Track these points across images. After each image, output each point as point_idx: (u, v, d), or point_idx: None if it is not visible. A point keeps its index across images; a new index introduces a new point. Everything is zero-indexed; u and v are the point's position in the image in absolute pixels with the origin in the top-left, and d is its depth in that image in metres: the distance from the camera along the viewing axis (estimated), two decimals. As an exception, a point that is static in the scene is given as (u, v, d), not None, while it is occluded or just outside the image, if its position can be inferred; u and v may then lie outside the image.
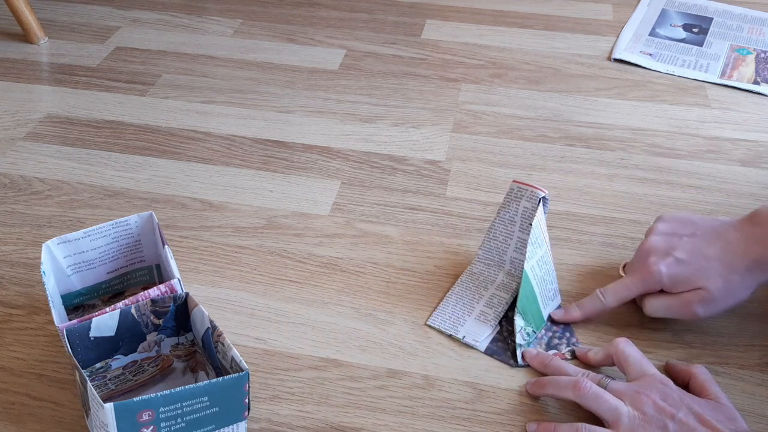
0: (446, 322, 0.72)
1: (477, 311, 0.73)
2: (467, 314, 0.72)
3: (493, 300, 0.74)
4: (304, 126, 1.01)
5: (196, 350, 0.65)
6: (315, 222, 0.84)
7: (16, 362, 0.68)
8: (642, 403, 0.59)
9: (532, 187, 0.72)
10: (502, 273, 0.75)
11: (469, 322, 0.72)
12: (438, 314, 0.73)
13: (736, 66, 1.18)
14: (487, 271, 0.76)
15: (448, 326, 0.71)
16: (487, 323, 0.72)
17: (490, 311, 0.73)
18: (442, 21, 1.30)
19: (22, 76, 1.11)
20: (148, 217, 0.70)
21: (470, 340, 0.70)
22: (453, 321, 0.72)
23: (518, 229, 0.73)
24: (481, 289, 0.75)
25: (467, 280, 0.76)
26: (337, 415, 0.64)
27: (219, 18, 1.29)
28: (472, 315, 0.72)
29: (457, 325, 0.71)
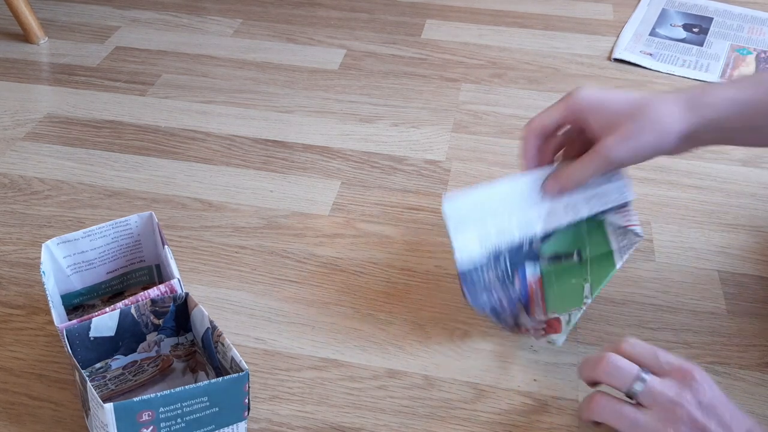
0: (458, 213, 0.66)
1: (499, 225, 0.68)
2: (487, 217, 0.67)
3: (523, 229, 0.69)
4: (304, 126, 1.01)
5: (196, 350, 0.65)
6: (315, 222, 0.84)
7: (16, 362, 0.68)
8: (674, 418, 0.54)
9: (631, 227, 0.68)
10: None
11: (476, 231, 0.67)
12: (459, 199, 0.67)
13: (737, 66, 1.18)
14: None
15: (455, 221, 0.66)
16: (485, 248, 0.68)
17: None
18: (442, 21, 1.30)
19: (22, 76, 1.11)
20: (148, 217, 0.70)
21: (460, 256, 0.66)
22: (463, 218, 0.66)
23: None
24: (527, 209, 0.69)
25: (519, 187, 0.69)
26: (337, 415, 0.64)
27: (219, 18, 1.29)
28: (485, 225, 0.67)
29: (464, 225, 0.66)
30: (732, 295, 0.77)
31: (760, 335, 0.72)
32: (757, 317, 0.74)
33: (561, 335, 0.68)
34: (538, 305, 0.70)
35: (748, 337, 0.72)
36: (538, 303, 0.70)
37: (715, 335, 0.72)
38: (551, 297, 0.69)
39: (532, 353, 0.70)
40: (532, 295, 0.70)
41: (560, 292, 0.69)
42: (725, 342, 0.71)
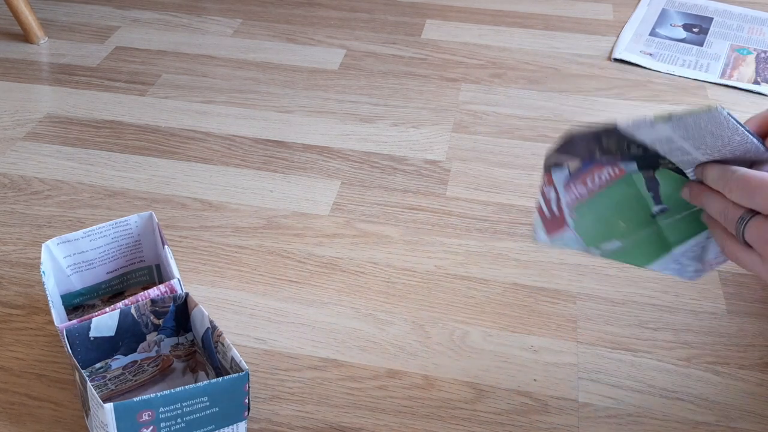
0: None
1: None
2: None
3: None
4: (304, 126, 1.01)
5: (196, 350, 0.65)
6: (315, 222, 0.84)
7: (16, 362, 0.68)
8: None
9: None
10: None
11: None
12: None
13: (737, 66, 1.18)
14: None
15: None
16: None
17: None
18: (442, 21, 1.30)
19: (22, 76, 1.11)
20: (148, 217, 0.70)
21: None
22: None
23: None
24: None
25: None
26: (337, 415, 0.64)
27: (219, 18, 1.29)
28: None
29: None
30: (732, 295, 0.77)
31: (760, 335, 0.72)
32: (757, 317, 0.74)
33: (545, 238, 0.58)
34: (582, 191, 0.57)
35: (748, 337, 0.72)
36: (584, 187, 0.57)
37: (715, 335, 0.72)
38: (596, 203, 0.57)
39: (532, 353, 0.70)
40: (594, 171, 0.57)
41: (605, 212, 0.57)
42: (725, 342, 0.71)
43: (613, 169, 0.56)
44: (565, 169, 0.56)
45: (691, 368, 0.69)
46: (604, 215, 0.57)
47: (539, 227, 0.57)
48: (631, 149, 0.54)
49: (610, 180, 0.56)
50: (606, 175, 0.56)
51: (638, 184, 0.56)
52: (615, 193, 0.56)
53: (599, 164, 0.56)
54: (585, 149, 0.55)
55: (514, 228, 0.84)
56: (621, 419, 0.64)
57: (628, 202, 0.57)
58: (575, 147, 0.55)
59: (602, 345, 0.70)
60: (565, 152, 0.55)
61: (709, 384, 0.67)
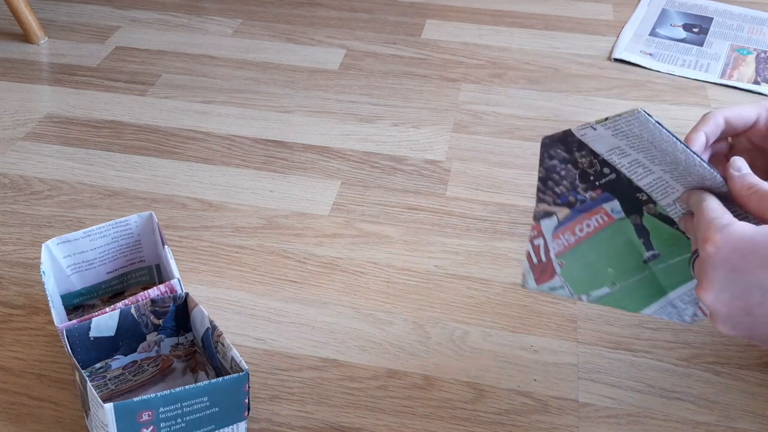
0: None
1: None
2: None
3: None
4: (304, 126, 1.01)
5: (196, 350, 0.65)
6: (315, 222, 0.84)
7: (16, 362, 0.68)
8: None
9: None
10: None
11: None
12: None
13: (737, 66, 1.18)
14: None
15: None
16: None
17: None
18: (442, 21, 1.30)
19: (22, 76, 1.11)
20: (148, 217, 0.70)
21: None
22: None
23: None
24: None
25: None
26: (337, 415, 0.64)
27: (219, 18, 1.29)
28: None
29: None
30: (732, 295, 0.76)
31: (760, 335, 0.72)
32: (757, 317, 0.74)
33: (534, 285, 0.58)
34: (569, 238, 0.58)
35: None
36: (572, 235, 0.58)
37: (715, 335, 0.72)
38: (583, 250, 0.57)
39: (532, 353, 0.70)
40: (583, 220, 0.57)
41: (592, 260, 0.57)
42: (725, 342, 0.71)
43: (602, 216, 0.57)
44: (554, 218, 0.57)
45: (691, 368, 0.69)
46: (592, 262, 0.57)
47: (528, 274, 0.58)
48: (603, 170, 0.55)
49: (598, 228, 0.57)
50: (594, 222, 0.57)
51: (627, 231, 0.57)
52: (603, 240, 0.57)
53: (587, 213, 0.57)
54: (564, 170, 0.56)
55: (514, 228, 0.84)
56: (621, 419, 0.64)
57: (618, 248, 0.57)
58: (554, 170, 0.56)
59: (602, 345, 0.70)
60: (549, 180, 0.57)
61: (709, 384, 0.67)
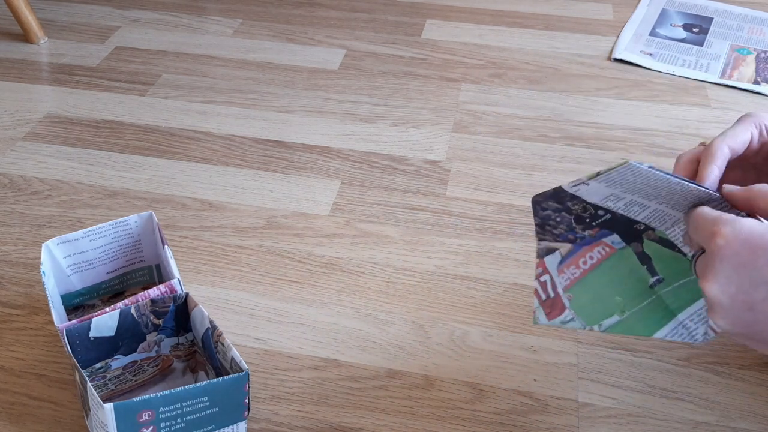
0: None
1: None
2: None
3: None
4: (304, 126, 1.01)
5: (196, 350, 0.65)
6: (315, 222, 0.84)
7: (16, 362, 0.68)
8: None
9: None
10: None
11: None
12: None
13: (737, 66, 1.18)
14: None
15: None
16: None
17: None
18: (442, 21, 1.30)
19: (22, 76, 1.11)
20: (148, 217, 0.70)
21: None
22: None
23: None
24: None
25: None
26: (337, 415, 0.64)
27: (219, 18, 1.29)
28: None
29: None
30: (732, 295, 0.76)
31: (760, 335, 0.72)
32: (757, 317, 0.74)
33: (546, 321, 0.58)
34: (574, 272, 0.58)
35: (748, 337, 0.72)
36: (576, 269, 0.58)
37: (715, 335, 0.72)
38: (590, 281, 0.57)
39: (532, 353, 0.70)
40: (585, 253, 0.58)
41: (600, 290, 0.58)
42: (725, 342, 0.71)
43: (603, 248, 0.58)
44: (557, 254, 0.58)
45: (691, 368, 0.69)
46: (600, 292, 0.58)
47: (539, 311, 0.58)
48: (598, 212, 0.56)
49: (601, 259, 0.58)
50: (597, 254, 0.58)
51: (630, 259, 0.57)
52: (608, 270, 0.58)
53: (588, 246, 0.58)
54: (558, 217, 0.57)
55: (514, 228, 0.84)
56: (621, 419, 0.64)
57: (623, 276, 0.58)
58: (549, 218, 0.57)
59: (602, 345, 0.70)
60: (546, 225, 0.58)
61: (709, 384, 0.67)
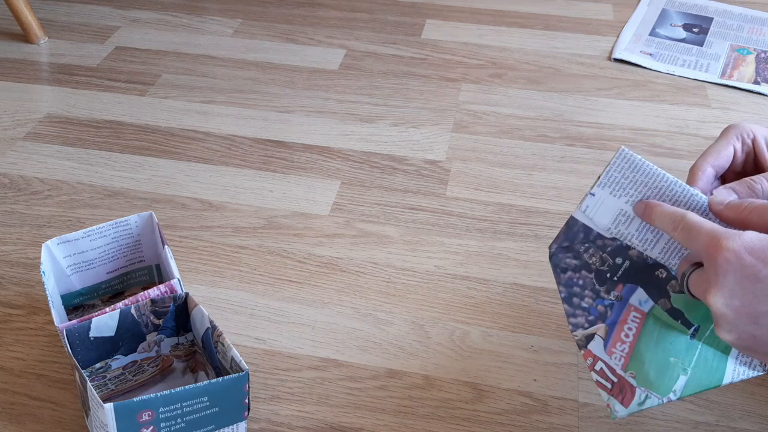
0: (627, 168, 0.55)
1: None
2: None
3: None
4: (304, 126, 1.01)
5: (196, 350, 0.65)
6: (315, 222, 0.84)
7: (16, 362, 0.68)
8: None
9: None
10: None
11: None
12: (639, 159, 0.54)
13: (737, 66, 1.18)
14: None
15: (618, 173, 0.55)
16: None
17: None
18: (442, 21, 1.30)
19: (22, 76, 1.11)
20: (148, 217, 0.70)
21: (588, 203, 0.56)
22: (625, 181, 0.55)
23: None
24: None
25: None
26: (337, 415, 0.64)
27: (219, 18, 1.29)
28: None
29: (620, 188, 0.55)
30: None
31: (760, 335, 0.72)
32: (757, 317, 0.74)
33: (623, 409, 0.56)
34: (622, 348, 0.57)
35: None
36: (622, 344, 0.57)
37: (715, 335, 0.72)
38: (641, 352, 0.57)
39: (532, 353, 0.70)
40: (622, 326, 0.57)
41: (654, 357, 0.57)
42: (725, 342, 0.71)
43: (635, 315, 0.57)
44: (599, 339, 0.57)
45: (691, 368, 0.69)
46: (655, 360, 0.57)
47: (612, 402, 0.57)
48: (616, 261, 0.57)
49: (639, 326, 0.57)
50: (633, 324, 0.57)
51: (663, 317, 0.57)
52: (649, 335, 0.57)
53: (622, 319, 0.57)
54: (581, 279, 0.58)
55: (514, 228, 0.84)
56: (621, 419, 0.64)
57: (665, 336, 0.57)
58: (572, 283, 0.58)
59: (602, 345, 0.70)
60: (573, 298, 0.58)
61: (709, 384, 0.67)
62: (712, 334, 0.56)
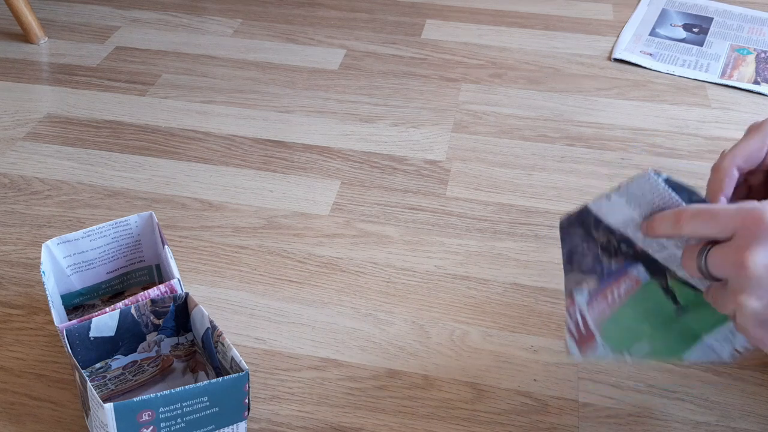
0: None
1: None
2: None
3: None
4: (304, 126, 1.01)
5: (196, 350, 0.65)
6: (315, 222, 0.84)
7: (16, 362, 0.68)
8: None
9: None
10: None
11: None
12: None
13: (737, 66, 1.18)
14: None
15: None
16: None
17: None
18: (442, 21, 1.30)
19: (22, 76, 1.11)
20: (148, 217, 0.70)
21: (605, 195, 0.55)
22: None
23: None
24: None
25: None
26: (337, 415, 0.64)
27: (219, 18, 1.29)
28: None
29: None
30: (732, 295, 0.76)
31: (760, 335, 0.72)
32: (757, 317, 0.74)
33: (579, 355, 0.59)
34: (604, 306, 0.59)
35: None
36: (606, 303, 0.59)
37: (715, 335, 0.72)
38: (620, 314, 0.59)
39: (532, 353, 0.70)
40: (613, 287, 0.59)
41: (630, 319, 0.59)
42: (725, 342, 0.71)
43: (630, 281, 0.58)
44: (585, 291, 0.59)
45: (691, 368, 0.69)
46: (630, 324, 0.58)
47: (572, 346, 0.59)
48: (621, 246, 0.57)
49: (628, 292, 0.58)
50: (624, 289, 0.58)
51: (655, 291, 0.58)
52: (636, 303, 0.58)
53: (615, 280, 0.58)
54: (586, 247, 0.58)
55: (514, 228, 0.84)
56: (621, 419, 0.64)
57: (649, 306, 0.58)
58: (577, 248, 0.58)
59: (602, 345, 0.70)
60: (574, 255, 0.59)
61: (709, 384, 0.67)
62: (697, 317, 0.57)
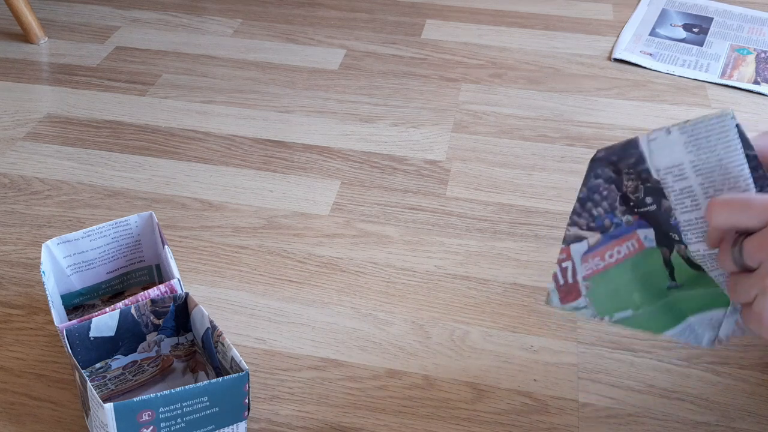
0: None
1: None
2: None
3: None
4: (304, 126, 1.01)
5: (196, 350, 0.65)
6: (315, 222, 0.84)
7: (16, 362, 0.68)
8: None
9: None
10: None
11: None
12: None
13: (737, 66, 1.18)
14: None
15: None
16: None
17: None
18: (442, 21, 1.30)
19: (22, 76, 1.11)
20: (148, 217, 0.70)
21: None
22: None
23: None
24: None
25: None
26: (337, 415, 0.64)
27: (219, 18, 1.29)
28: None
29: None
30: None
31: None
32: (757, 317, 0.74)
33: (559, 304, 0.58)
34: (598, 263, 0.58)
35: (748, 337, 0.72)
36: (601, 260, 0.57)
37: (715, 335, 0.72)
38: (613, 273, 0.57)
39: (532, 353, 0.70)
40: (614, 246, 0.57)
41: (619, 283, 0.58)
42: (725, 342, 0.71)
43: (633, 242, 0.57)
44: (585, 243, 0.57)
45: (691, 368, 0.69)
46: (619, 287, 0.58)
47: (554, 293, 0.58)
48: (646, 200, 0.55)
49: (628, 254, 0.57)
50: (625, 249, 0.57)
51: (656, 259, 0.57)
52: (632, 267, 0.58)
53: (618, 239, 0.57)
54: (606, 191, 0.56)
55: (514, 228, 0.84)
56: (621, 419, 0.64)
57: (644, 274, 0.58)
58: (597, 189, 0.56)
59: (602, 345, 0.71)
60: (588, 201, 0.57)
61: (709, 384, 0.67)
62: (687, 297, 0.57)
